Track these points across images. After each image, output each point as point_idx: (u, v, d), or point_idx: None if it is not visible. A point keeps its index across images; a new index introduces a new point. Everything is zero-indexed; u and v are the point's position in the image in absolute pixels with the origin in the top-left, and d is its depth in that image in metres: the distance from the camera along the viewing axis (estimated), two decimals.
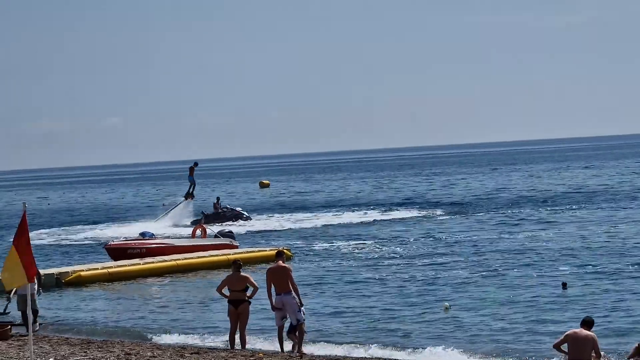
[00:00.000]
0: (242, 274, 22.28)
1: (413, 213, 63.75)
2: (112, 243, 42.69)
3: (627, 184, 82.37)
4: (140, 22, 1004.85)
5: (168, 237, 45.23)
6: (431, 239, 46.65)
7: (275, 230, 57.34)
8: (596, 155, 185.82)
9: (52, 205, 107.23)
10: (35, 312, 25.28)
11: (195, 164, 62.73)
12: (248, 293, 22.28)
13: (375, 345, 23.27)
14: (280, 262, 21.95)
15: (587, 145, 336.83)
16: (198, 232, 45.22)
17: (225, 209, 65.13)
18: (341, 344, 23.53)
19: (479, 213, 60.79)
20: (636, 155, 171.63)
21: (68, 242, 56.53)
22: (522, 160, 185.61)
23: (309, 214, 68.86)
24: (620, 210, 57.19)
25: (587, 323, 17.91)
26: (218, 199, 67.68)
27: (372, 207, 72.66)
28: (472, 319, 25.81)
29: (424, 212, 63.62)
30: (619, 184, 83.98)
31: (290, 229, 57.92)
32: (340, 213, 68.14)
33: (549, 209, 61.06)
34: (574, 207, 61.26)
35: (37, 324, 26.26)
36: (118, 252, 41.06)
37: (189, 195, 62.74)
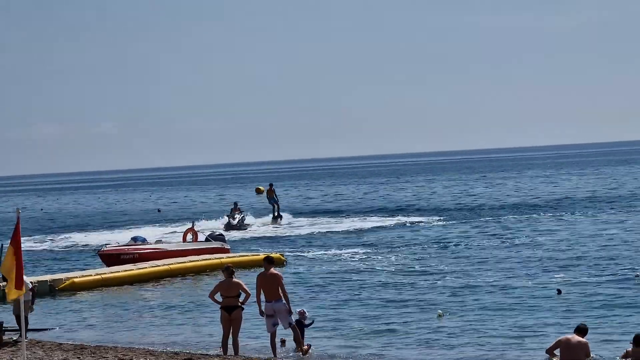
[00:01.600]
0: (234, 280, 22.27)
1: (408, 219, 63.71)
2: (105, 249, 42.80)
3: (623, 190, 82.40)
4: (136, 25, 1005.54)
5: (160, 241, 45.36)
6: (425, 245, 46.64)
7: (270, 237, 57.32)
8: (596, 161, 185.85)
9: (45, 211, 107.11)
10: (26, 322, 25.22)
11: (271, 185, 70.51)
12: (240, 299, 22.28)
13: (368, 352, 23.25)
14: (272, 269, 21.95)
15: (586, 151, 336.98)
16: (189, 236, 45.33)
17: (243, 214, 64.74)
18: (333, 350, 23.50)
19: (473, 220, 60.77)
20: (635, 161, 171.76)
21: (62, 249, 56.46)
22: (522, 166, 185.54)
23: (303, 220, 68.82)
24: (615, 216, 57.23)
25: (582, 330, 17.95)
26: (236, 203, 67.19)
27: (367, 213, 72.67)
28: (465, 326, 25.78)
29: (418, 219, 63.56)
30: (615, 190, 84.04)
31: (285, 235, 57.87)
32: (335, 219, 68.09)
33: (543, 215, 61.09)
34: (568, 213, 61.29)
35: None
36: (111, 258, 41.25)
37: (278, 217, 67.47)
